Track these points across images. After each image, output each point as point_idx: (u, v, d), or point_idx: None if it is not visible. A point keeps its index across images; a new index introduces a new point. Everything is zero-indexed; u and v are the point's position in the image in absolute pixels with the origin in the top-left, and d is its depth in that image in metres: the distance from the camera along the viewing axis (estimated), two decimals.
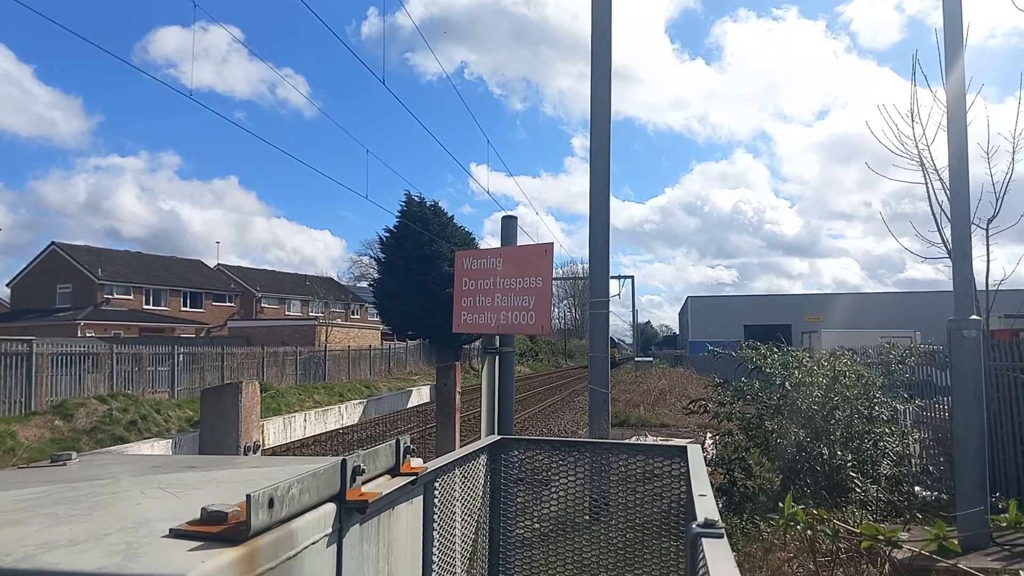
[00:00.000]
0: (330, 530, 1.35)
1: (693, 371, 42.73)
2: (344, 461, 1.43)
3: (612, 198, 10.13)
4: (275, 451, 3.98)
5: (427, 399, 6.97)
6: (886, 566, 6.44)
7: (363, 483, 1.50)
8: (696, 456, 2.42)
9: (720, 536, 1.26)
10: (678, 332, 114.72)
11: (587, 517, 3.20)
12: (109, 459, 1.89)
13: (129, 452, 2.69)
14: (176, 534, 1.09)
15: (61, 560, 0.97)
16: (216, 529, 1.09)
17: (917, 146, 11.09)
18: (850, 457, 8.90)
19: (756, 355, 10.49)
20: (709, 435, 15.34)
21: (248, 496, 1.09)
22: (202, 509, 1.13)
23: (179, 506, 1.29)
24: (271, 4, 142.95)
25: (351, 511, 1.42)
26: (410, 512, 1.78)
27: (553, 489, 3.09)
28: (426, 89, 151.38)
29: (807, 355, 10.81)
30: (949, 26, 8.12)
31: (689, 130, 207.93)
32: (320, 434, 5.05)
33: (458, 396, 6.39)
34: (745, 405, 10.43)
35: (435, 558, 1.92)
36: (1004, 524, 2.84)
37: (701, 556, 1.17)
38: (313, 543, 1.27)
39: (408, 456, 1.76)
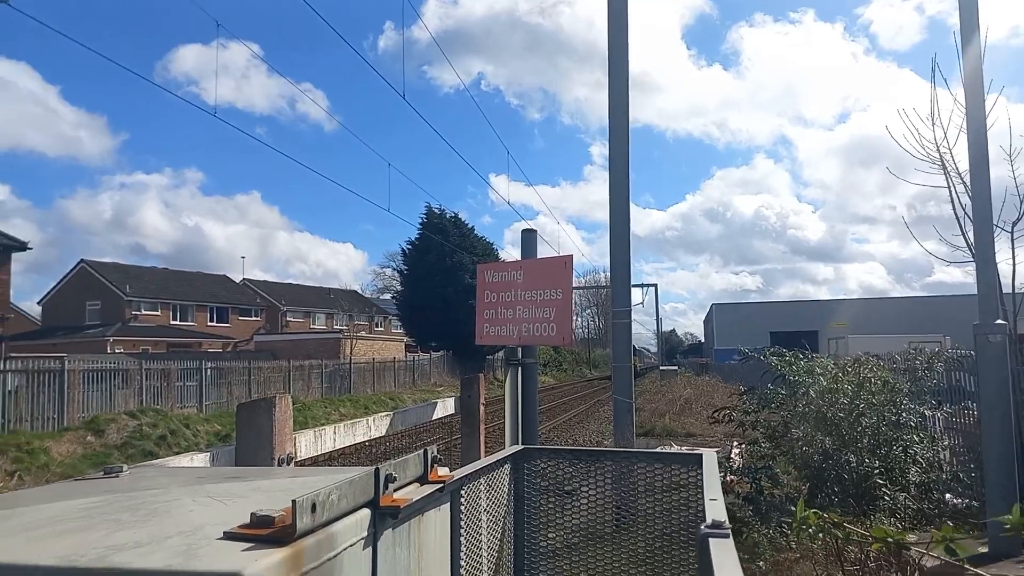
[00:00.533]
0: (365, 533, 1.45)
1: (719, 379, 42.44)
2: (377, 469, 1.54)
3: (632, 206, 10.22)
4: (307, 463, 4.08)
5: (452, 411, 7.07)
6: (916, 574, 6.42)
7: (395, 490, 1.61)
8: (710, 463, 2.50)
9: (726, 536, 1.35)
10: (703, 340, 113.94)
11: (611, 527, 3.27)
12: (156, 471, 2.01)
13: (171, 465, 2.82)
14: (229, 536, 1.20)
15: (131, 560, 1.08)
16: (265, 532, 1.20)
17: (939, 149, 11.02)
18: (877, 464, 8.85)
19: (781, 362, 10.47)
20: (735, 444, 15.28)
21: (293, 501, 1.20)
22: (251, 514, 1.24)
23: (228, 513, 1.41)
24: (288, 21, 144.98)
25: (384, 516, 1.53)
26: (438, 518, 1.89)
27: (576, 498, 3.18)
28: (444, 101, 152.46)
29: (832, 362, 10.77)
30: (966, 25, 8.07)
31: (708, 136, 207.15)
32: (349, 446, 5.16)
33: (482, 407, 6.49)
34: (771, 413, 10.40)
35: (463, 563, 2.02)
36: (1008, 527, 2.87)
37: (708, 555, 1.26)
38: (351, 545, 1.38)
39: (435, 465, 1.87)
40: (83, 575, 1.05)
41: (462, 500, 2.09)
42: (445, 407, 6.88)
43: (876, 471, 8.71)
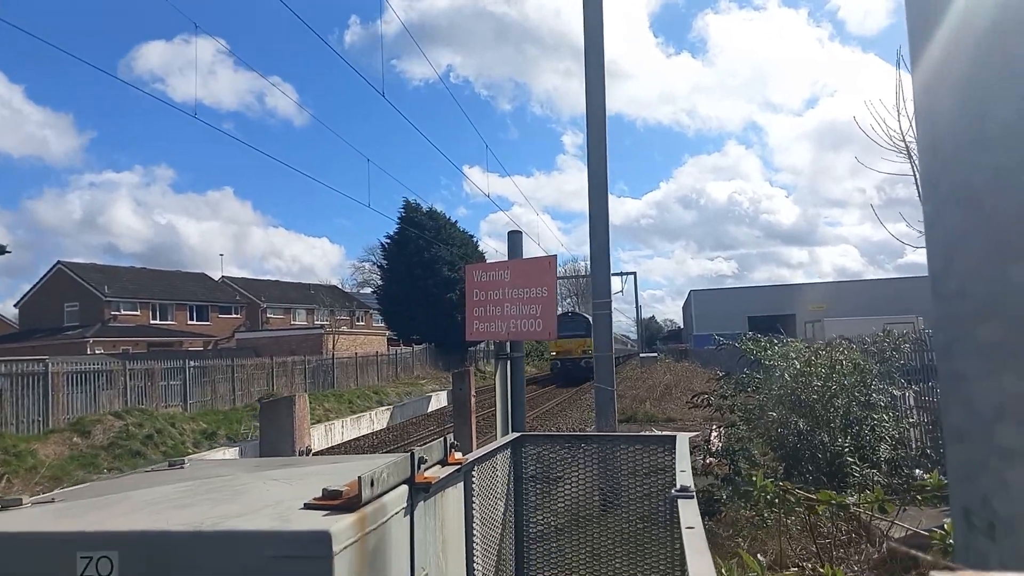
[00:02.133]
0: (405, 504, 1.80)
1: (698, 365, 43.12)
2: (413, 453, 1.88)
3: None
4: (323, 454, 4.35)
5: (445, 403, 7.41)
6: (883, 545, 6.85)
7: (424, 470, 1.95)
8: (683, 444, 2.88)
9: (691, 498, 1.70)
10: (682, 326, 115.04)
11: (597, 509, 3.65)
12: (212, 463, 2.34)
13: (208, 458, 3.14)
14: (309, 507, 1.54)
15: (242, 524, 1.41)
16: (336, 502, 1.54)
17: (904, 139, 11.46)
18: (849, 443, 9.29)
19: (756, 347, 10.86)
20: (714, 427, 15.74)
21: (359, 477, 1.55)
22: (323, 489, 1.58)
23: (295, 490, 1.74)
24: (250, 15, 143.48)
25: (419, 491, 1.88)
26: (455, 494, 2.24)
27: (566, 482, 3.54)
28: (413, 95, 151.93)
29: (805, 346, 11.21)
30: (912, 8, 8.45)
31: (678, 124, 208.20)
32: (357, 438, 5.44)
33: (473, 399, 6.84)
34: (747, 397, 10.81)
35: (475, 531, 2.38)
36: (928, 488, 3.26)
37: (677, 512, 1.61)
38: (396, 513, 1.72)
39: (453, 450, 2.22)
40: (209, 537, 1.38)
41: (473, 479, 2.44)
42: (439, 400, 7.22)
43: (847, 449, 9.14)
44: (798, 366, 10.01)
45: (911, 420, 11.20)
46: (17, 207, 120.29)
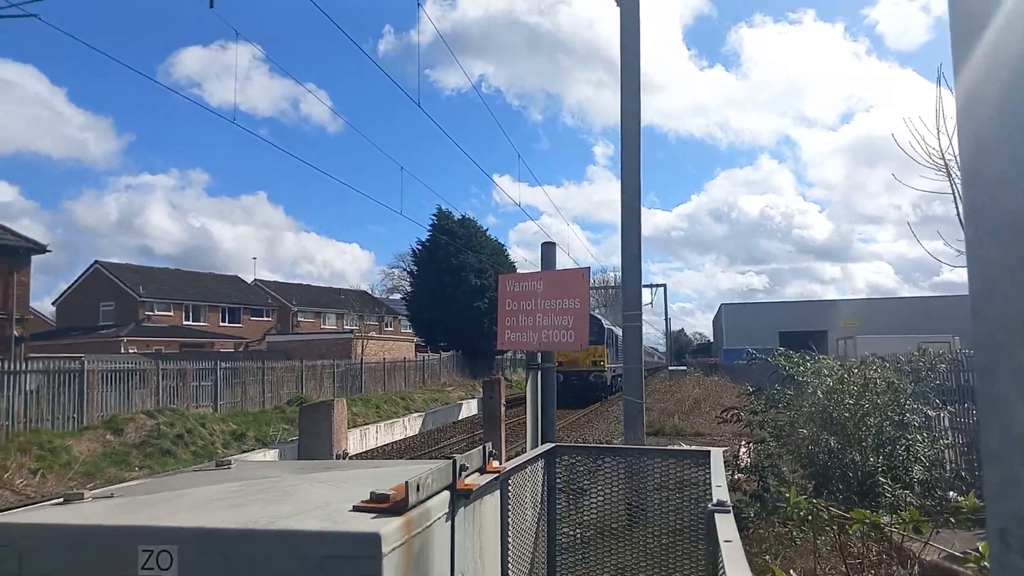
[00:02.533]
0: (447, 510, 1.85)
1: (728, 379, 42.71)
2: (455, 460, 1.93)
3: None
4: (359, 458, 4.43)
5: (474, 412, 7.47)
6: (915, 567, 6.74)
7: (465, 477, 2.00)
8: (717, 459, 2.89)
9: (728, 512, 1.73)
10: (712, 340, 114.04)
11: (626, 520, 3.67)
12: (257, 464, 2.41)
13: (251, 460, 3.22)
14: (357, 509, 1.59)
15: (294, 524, 1.47)
16: (384, 505, 1.60)
17: (943, 156, 11.29)
18: (881, 462, 9.16)
19: (788, 363, 10.77)
20: (743, 443, 15.59)
21: (407, 482, 1.60)
22: (371, 492, 1.64)
23: (341, 493, 1.80)
24: (289, 23, 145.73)
25: (460, 497, 1.93)
26: (493, 502, 2.28)
27: (597, 493, 3.57)
28: (446, 104, 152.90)
29: (838, 363, 11.08)
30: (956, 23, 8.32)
31: (710, 136, 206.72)
32: (390, 443, 5.51)
33: (503, 408, 6.88)
34: (778, 413, 10.71)
35: (510, 538, 2.42)
36: (964, 510, 3.22)
37: (714, 527, 1.64)
38: (439, 518, 1.77)
39: (491, 458, 2.27)
40: (263, 535, 1.44)
41: (509, 488, 2.48)
42: (469, 408, 7.28)
43: (879, 469, 9.02)
44: (830, 383, 9.91)
45: (946, 441, 11.01)
46: (57, 207, 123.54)
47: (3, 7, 11.98)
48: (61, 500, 1.81)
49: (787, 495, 5.83)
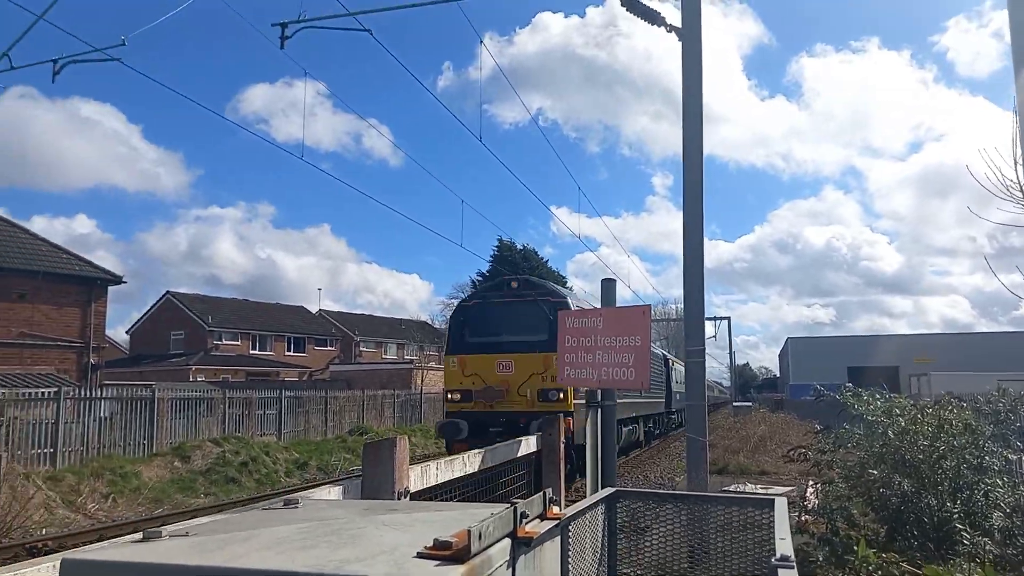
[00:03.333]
0: (508, 558, 1.87)
1: (794, 416, 41.51)
2: (515, 507, 1.96)
3: None
4: (419, 496, 4.47)
5: (533, 448, 7.47)
6: None
7: (525, 524, 2.02)
8: (781, 508, 2.84)
9: (791, 567, 1.70)
10: (778, 374, 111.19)
11: (686, 565, 3.61)
12: (324, 504, 2.48)
13: (314, 497, 3.31)
14: (421, 556, 1.63)
15: (361, 570, 1.52)
16: (448, 552, 1.63)
17: (1022, 188, 10.88)
18: (958, 508, 8.76)
19: (858, 401, 10.46)
20: (811, 483, 15.11)
21: (468, 530, 1.63)
22: (434, 539, 1.68)
23: (407, 537, 1.84)
24: (351, 61, 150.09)
25: (520, 544, 1.95)
26: (553, 548, 2.29)
27: (658, 536, 3.53)
28: (504, 138, 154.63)
29: (910, 403, 10.70)
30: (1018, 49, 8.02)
31: (772, 167, 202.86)
32: (449, 481, 5.56)
33: (562, 446, 6.86)
34: (847, 453, 10.38)
35: None
36: None
37: None
38: (500, 566, 1.79)
39: (551, 504, 2.28)
40: None
41: (570, 534, 2.49)
42: (529, 445, 7.28)
43: (956, 515, 8.63)
44: (903, 423, 9.57)
45: None
46: (131, 239, 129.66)
47: (89, 51, 12.75)
48: (140, 537, 1.90)
49: (855, 547, 5.63)
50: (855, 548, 5.38)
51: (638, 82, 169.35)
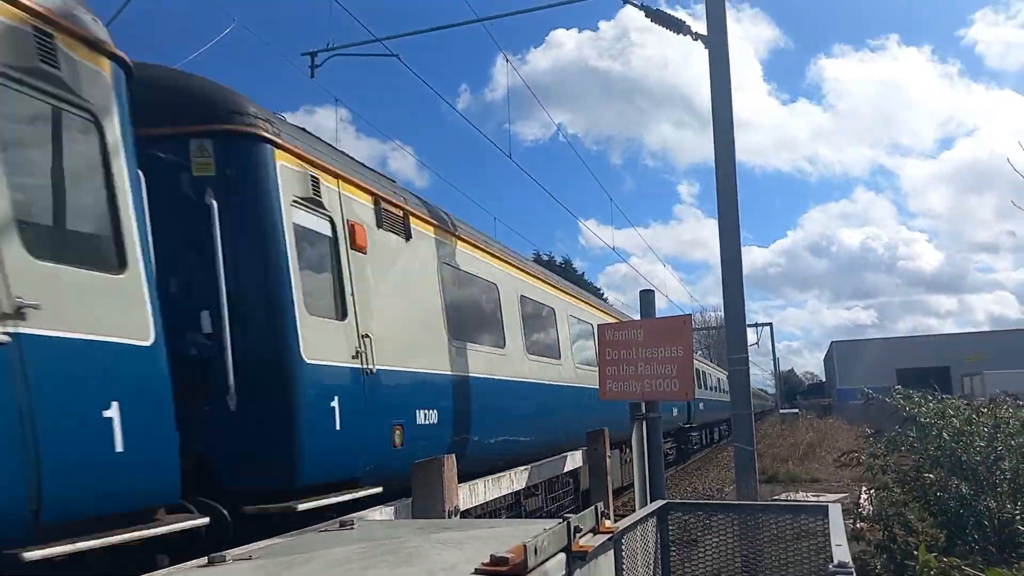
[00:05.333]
0: (563, 572, 1.89)
1: (843, 421, 40.61)
2: (568, 522, 1.98)
3: None
4: (468, 513, 4.51)
5: (580, 463, 7.47)
6: None
7: (579, 538, 2.04)
8: (836, 514, 2.81)
9: (850, 574, 1.69)
10: (824, 379, 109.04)
11: (741, 573, 3.58)
12: (379, 524, 2.53)
13: (369, 519, 3.36)
14: (479, 572, 1.66)
15: None
16: (505, 568, 1.66)
17: None
18: (1020, 510, 8.50)
19: (910, 403, 10.24)
20: (864, 489, 14.74)
21: (524, 545, 1.66)
22: (491, 555, 1.70)
23: (463, 554, 1.88)
24: (372, 86, 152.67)
25: (575, 559, 1.97)
26: (606, 562, 2.31)
27: (710, 548, 3.51)
28: (524, 155, 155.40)
29: (964, 403, 10.42)
30: None
31: (799, 171, 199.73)
32: (498, 498, 5.60)
33: (608, 460, 6.84)
34: (900, 457, 10.14)
35: None
36: None
37: None
38: None
39: (603, 518, 2.30)
40: None
41: (623, 547, 2.50)
42: (575, 460, 7.28)
43: (1018, 517, 8.37)
44: (957, 424, 9.33)
45: None
46: None
47: None
48: (205, 561, 1.96)
49: (916, 552, 5.49)
50: (915, 553, 5.25)
51: (656, 91, 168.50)
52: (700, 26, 10.49)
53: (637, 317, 9.94)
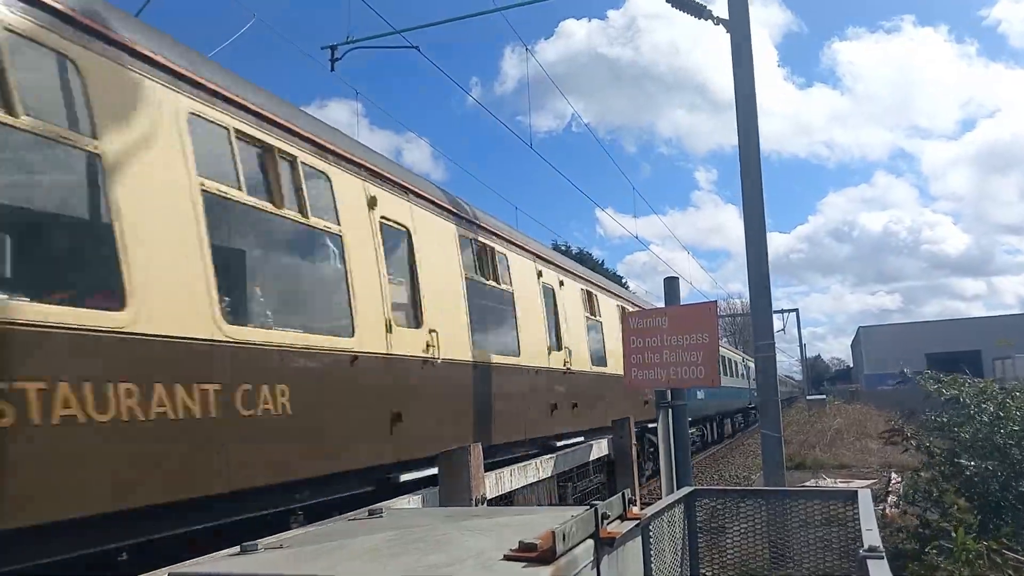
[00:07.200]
0: (592, 559, 1.90)
1: (872, 407, 40.17)
2: (596, 509, 1.98)
3: None
4: (494, 502, 4.54)
5: (605, 451, 7.46)
6: None
7: (607, 525, 2.04)
8: (865, 499, 2.78)
9: (881, 558, 1.68)
10: (851, 365, 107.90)
11: (769, 562, 3.56)
12: (408, 512, 2.55)
13: (396, 507, 3.39)
14: (508, 558, 1.67)
15: (454, 573, 1.57)
16: (534, 554, 1.67)
17: None
18: None
19: (946, 386, 10.14)
20: (894, 473, 14.58)
21: (552, 532, 1.67)
22: (519, 542, 1.71)
23: (491, 541, 1.89)
24: (386, 80, 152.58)
25: (603, 545, 1.98)
26: (635, 548, 2.31)
27: (738, 534, 3.49)
28: (540, 145, 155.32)
29: (996, 386, 10.28)
30: None
31: (816, 156, 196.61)
32: (524, 486, 5.62)
33: (634, 448, 6.82)
34: (933, 441, 10.03)
35: None
36: None
37: (867, 574, 1.60)
38: (584, 566, 1.82)
39: (631, 505, 2.30)
40: None
41: (651, 533, 2.50)
42: (601, 448, 7.27)
43: None
44: (991, 408, 9.20)
45: None
46: None
47: None
48: (238, 550, 1.99)
49: (954, 534, 5.41)
50: (953, 536, 5.18)
51: (667, 77, 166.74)
52: (718, 10, 10.39)
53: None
